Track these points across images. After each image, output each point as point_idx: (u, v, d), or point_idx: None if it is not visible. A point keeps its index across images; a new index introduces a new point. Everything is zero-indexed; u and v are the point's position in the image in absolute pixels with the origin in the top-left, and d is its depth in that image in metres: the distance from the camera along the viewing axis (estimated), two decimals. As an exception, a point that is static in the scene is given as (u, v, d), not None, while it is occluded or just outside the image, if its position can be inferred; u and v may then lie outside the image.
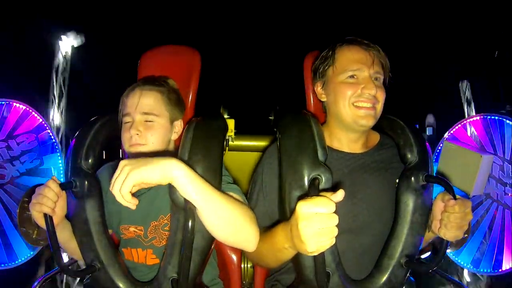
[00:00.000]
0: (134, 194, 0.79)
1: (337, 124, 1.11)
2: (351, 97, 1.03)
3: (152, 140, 1.07)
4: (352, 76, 1.04)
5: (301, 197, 0.89)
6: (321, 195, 0.73)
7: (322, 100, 1.14)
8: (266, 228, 1.01)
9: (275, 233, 0.88)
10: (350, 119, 1.05)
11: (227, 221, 0.88)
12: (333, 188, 0.93)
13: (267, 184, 1.07)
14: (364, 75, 1.04)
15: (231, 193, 0.97)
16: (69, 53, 3.43)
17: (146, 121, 1.08)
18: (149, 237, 1.09)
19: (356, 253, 1.03)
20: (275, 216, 1.02)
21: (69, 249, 1.08)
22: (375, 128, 1.18)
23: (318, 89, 1.14)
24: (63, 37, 3.35)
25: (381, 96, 1.04)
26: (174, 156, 0.82)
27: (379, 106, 1.05)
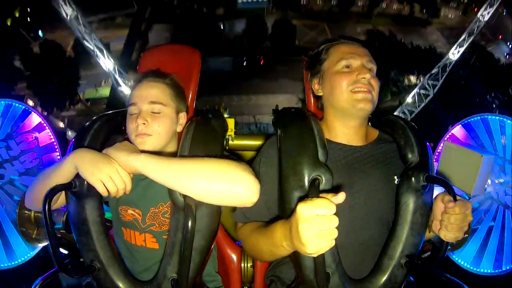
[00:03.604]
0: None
1: (335, 114, 1.12)
2: (348, 85, 1.07)
3: (159, 131, 1.08)
4: (346, 66, 1.09)
5: (302, 198, 0.89)
6: (321, 197, 0.73)
7: (319, 94, 1.16)
8: (265, 223, 1.02)
9: (274, 229, 0.89)
10: (348, 104, 1.07)
11: (213, 177, 0.89)
12: (334, 189, 0.93)
13: (264, 173, 1.07)
14: (357, 63, 1.08)
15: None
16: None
17: (153, 112, 1.09)
18: (147, 223, 1.10)
19: (354, 246, 1.03)
20: (273, 206, 1.02)
21: None
22: (375, 127, 1.18)
23: (315, 85, 1.17)
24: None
25: (376, 84, 1.08)
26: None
27: (375, 93, 1.08)
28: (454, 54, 14.01)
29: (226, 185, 0.89)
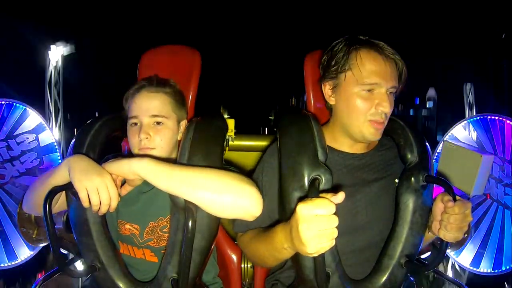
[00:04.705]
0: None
1: (342, 130, 1.08)
2: (366, 114, 1.00)
3: (161, 144, 1.06)
4: (368, 90, 0.99)
5: (301, 198, 0.89)
6: (321, 197, 0.73)
7: (331, 103, 1.08)
8: (265, 227, 1.01)
9: (274, 233, 0.88)
10: (358, 134, 1.03)
11: (219, 188, 0.88)
12: (333, 189, 0.93)
13: (266, 183, 1.07)
14: (381, 91, 0.98)
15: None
16: (60, 63, 3.25)
17: (156, 122, 1.06)
18: (144, 238, 1.09)
19: (355, 253, 1.03)
20: (275, 215, 1.02)
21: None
22: None
23: (327, 89, 1.07)
24: (52, 46, 3.15)
25: (391, 112, 1.01)
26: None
27: (386, 122, 1.03)
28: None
29: (231, 198, 0.89)
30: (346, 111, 1.03)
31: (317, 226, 0.71)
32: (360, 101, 0.99)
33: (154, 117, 1.06)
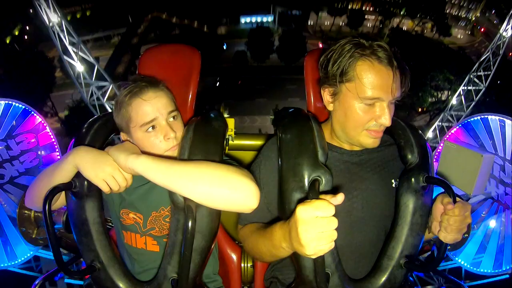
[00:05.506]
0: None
1: (341, 134, 1.07)
2: (364, 125, 0.99)
3: (180, 136, 1.06)
4: (369, 104, 0.97)
5: (301, 199, 0.89)
6: (320, 198, 0.73)
7: (329, 109, 1.06)
8: (265, 224, 1.02)
9: (273, 231, 0.89)
10: (356, 141, 1.04)
11: (214, 182, 0.88)
12: (332, 190, 0.93)
13: (264, 176, 1.07)
14: (382, 105, 0.96)
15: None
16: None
17: (172, 117, 1.06)
18: (147, 227, 1.10)
19: (351, 248, 1.03)
20: (274, 208, 1.03)
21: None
22: None
23: (326, 95, 1.04)
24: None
25: (391, 120, 0.99)
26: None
27: (385, 128, 1.02)
28: (508, 30, 10.42)
29: (227, 190, 0.89)
30: (344, 120, 1.02)
31: (316, 229, 0.71)
32: (360, 113, 0.98)
33: (170, 113, 1.05)
